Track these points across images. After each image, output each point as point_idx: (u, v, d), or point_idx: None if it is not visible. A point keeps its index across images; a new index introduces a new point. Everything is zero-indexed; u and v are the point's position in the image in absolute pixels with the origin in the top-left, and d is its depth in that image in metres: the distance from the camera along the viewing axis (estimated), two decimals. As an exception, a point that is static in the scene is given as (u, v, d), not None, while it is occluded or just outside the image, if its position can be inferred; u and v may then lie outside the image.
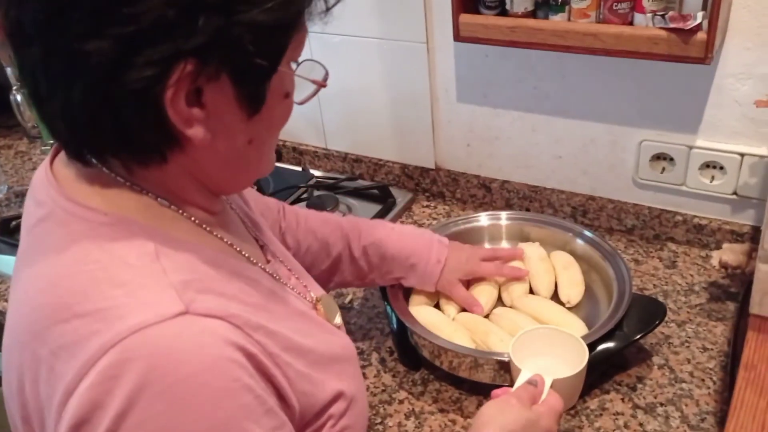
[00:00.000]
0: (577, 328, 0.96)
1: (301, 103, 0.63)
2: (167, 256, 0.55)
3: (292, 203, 1.38)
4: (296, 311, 0.66)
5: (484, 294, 1.04)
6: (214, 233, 0.63)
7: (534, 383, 0.77)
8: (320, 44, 1.39)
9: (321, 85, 0.63)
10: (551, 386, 0.77)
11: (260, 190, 1.37)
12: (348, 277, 1.01)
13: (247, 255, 0.65)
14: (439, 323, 0.99)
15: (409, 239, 1.00)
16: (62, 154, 0.61)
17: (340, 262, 0.99)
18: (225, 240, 0.64)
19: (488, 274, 1.04)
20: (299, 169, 1.53)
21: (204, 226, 0.62)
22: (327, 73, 0.64)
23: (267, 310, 0.59)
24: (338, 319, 0.75)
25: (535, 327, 0.91)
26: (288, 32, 0.55)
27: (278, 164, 1.53)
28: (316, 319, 0.70)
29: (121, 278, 0.52)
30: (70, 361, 0.49)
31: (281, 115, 0.60)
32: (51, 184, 0.58)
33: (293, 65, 0.59)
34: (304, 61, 0.61)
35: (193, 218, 0.61)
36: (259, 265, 0.66)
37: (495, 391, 0.77)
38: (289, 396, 0.57)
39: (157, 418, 0.47)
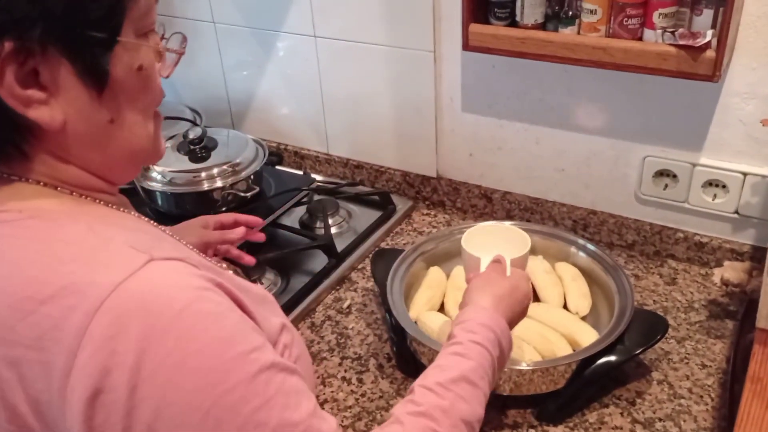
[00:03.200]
0: (590, 335, 0.97)
1: (166, 76, 0.61)
2: (101, 229, 0.55)
3: (293, 206, 1.38)
4: (218, 266, 0.67)
5: None
6: (129, 212, 0.63)
7: (498, 261, 0.87)
8: (327, 50, 1.39)
9: (178, 52, 0.62)
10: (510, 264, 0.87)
11: (261, 192, 1.37)
12: None
13: (162, 228, 0.67)
14: (440, 329, 0.98)
15: None
16: None
17: None
18: (140, 217, 0.64)
19: (215, 240, 1.01)
20: (300, 173, 1.53)
21: (115, 207, 0.61)
22: (184, 39, 0.63)
23: (201, 260, 0.60)
24: None
25: (480, 224, 1.03)
26: (116, 1, 0.54)
27: (279, 168, 1.53)
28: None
29: (70, 255, 0.52)
30: (56, 344, 0.49)
31: (139, 89, 0.58)
32: None
33: (154, 36, 0.58)
34: (174, 34, 0.62)
35: (101, 202, 0.60)
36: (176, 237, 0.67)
37: (468, 275, 0.88)
38: (258, 322, 0.59)
39: (169, 357, 0.48)
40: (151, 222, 0.65)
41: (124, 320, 0.48)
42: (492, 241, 0.97)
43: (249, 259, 1.03)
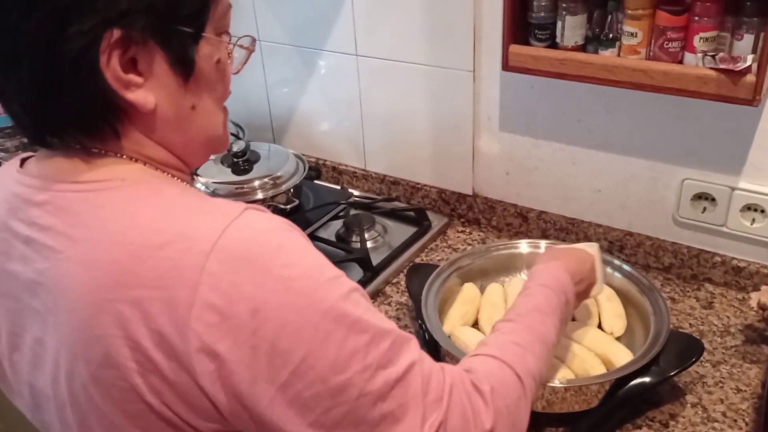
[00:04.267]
0: (624, 356, 0.97)
1: (236, 72, 0.69)
2: (193, 192, 0.64)
3: (330, 220, 1.40)
4: None
5: (497, 315, 1.05)
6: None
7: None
8: (368, 68, 1.42)
9: (249, 49, 0.70)
10: None
11: (300, 205, 1.39)
12: None
13: None
14: (474, 344, 0.99)
15: None
16: (31, 159, 0.66)
17: None
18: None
19: None
20: (338, 187, 1.55)
21: (188, 184, 0.68)
22: (254, 40, 0.71)
23: None
24: None
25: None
26: (203, 1, 0.62)
27: (317, 182, 1.56)
28: None
29: (178, 208, 0.59)
30: (177, 281, 0.54)
31: (216, 80, 0.66)
32: (32, 180, 0.63)
33: (227, 37, 0.66)
34: (244, 36, 0.69)
35: (178, 179, 0.67)
36: None
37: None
38: None
39: (278, 282, 0.55)
40: None
41: (236, 257, 0.55)
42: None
43: None
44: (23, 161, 0.67)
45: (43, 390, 0.64)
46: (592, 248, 0.97)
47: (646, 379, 0.92)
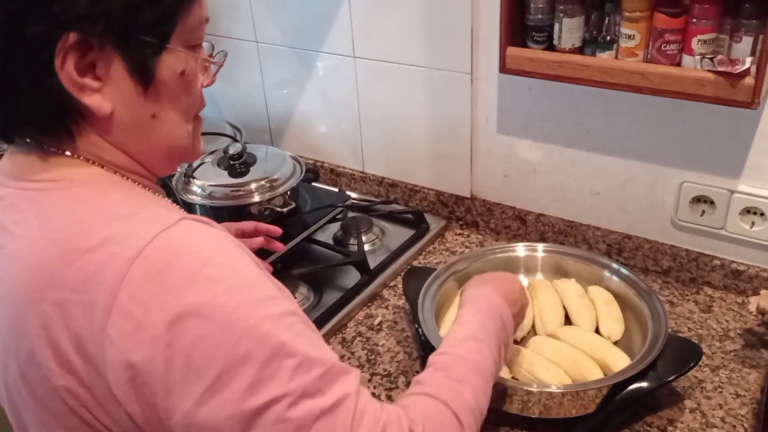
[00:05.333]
0: (622, 361, 0.96)
1: (206, 85, 0.69)
2: (139, 198, 0.63)
3: (328, 222, 1.40)
4: None
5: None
6: (163, 197, 0.68)
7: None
8: (365, 70, 1.42)
9: (218, 64, 0.70)
10: None
11: (297, 208, 1.39)
12: None
13: None
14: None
15: None
16: (3, 158, 0.67)
17: None
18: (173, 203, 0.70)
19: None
20: (336, 190, 1.55)
21: (151, 191, 0.68)
22: (225, 55, 0.72)
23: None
24: None
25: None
26: (168, 12, 0.61)
27: (315, 184, 1.55)
28: None
29: (114, 214, 0.59)
30: (98, 286, 0.54)
31: (180, 92, 0.65)
32: None
33: (201, 50, 0.66)
34: (219, 52, 0.70)
35: (139, 184, 0.66)
36: None
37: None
38: None
39: (200, 295, 0.54)
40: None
41: (160, 266, 0.54)
42: None
43: (278, 246, 1.11)
44: None
45: None
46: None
47: (644, 384, 0.91)
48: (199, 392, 0.53)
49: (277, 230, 1.12)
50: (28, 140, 0.62)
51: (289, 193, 1.35)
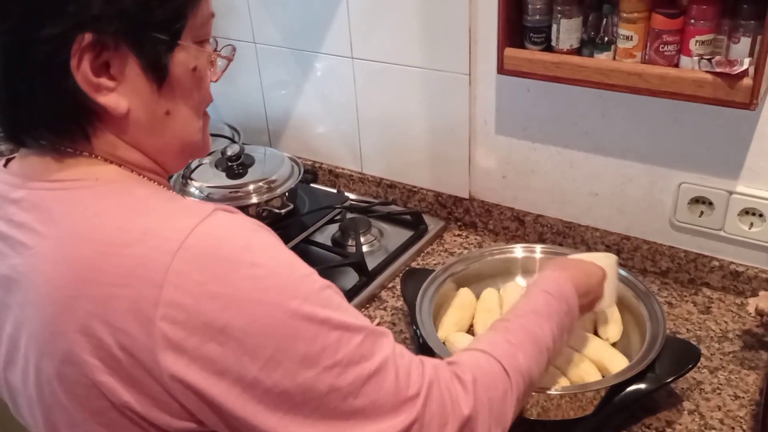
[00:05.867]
0: (620, 362, 0.96)
1: (215, 80, 0.70)
2: (164, 193, 0.64)
3: (326, 224, 1.40)
4: None
5: (492, 321, 1.04)
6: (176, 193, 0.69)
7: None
8: (364, 71, 1.42)
9: (228, 59, 0.71)
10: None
11: (295, 209, 1.39)
12: None
13: None
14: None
15: None
16: (15, 158, 0.67)
17: None
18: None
19: None
20: (334, 191, 1.55)
21: (164, 187, 0.68)
22: (234, 49, 0.73)
23: None
24: None
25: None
26: (179, 9, 0.62)
27: (313, 185, 1.55)
28: None
29: (146, 208, 0.60)
30: (142, 280, 0.55)
31: (192, 88, 0.66)
32: (11, 178, 0.64)
33: (208, 45, 0.67)
34: (226, 46, 0.71)
35: (155, 182, 0.67)
36: None
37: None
38: None
39: (246, 281, 0.55)
40: None
41: (202, 256, 0.55)
42: None
43: None
44: (8, 161, 0.68)
45: (15, 386, 0.65)
46: (608, 260, 0.96)
47: (642, 386, 0.91)
48: (253, 373, 0.55)
49: None
50: (42, 142, 0.62)
51: (287, 194, 1.35)
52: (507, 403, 0.68)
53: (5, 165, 0.68)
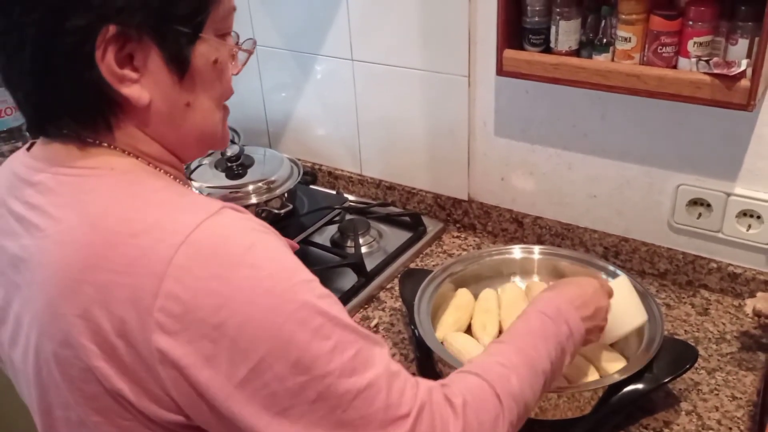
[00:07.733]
0: (617, 363, 0.96)
1: (235, 73, 0.71)
2: (177, 187, 0.65)
3: (325, 225, 1.40)
4: None
5: (490, 322, 1.05)
6: (189, 188, 0.70)
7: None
8: (364, 73, 1.42)
9: (249, 52, 0.73)
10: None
11: (294, 210, 1.39)
12: None
13: None
14: (468, 350, 0.98)
15: None
16: (37, 143, 0.68)
17: None
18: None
19: None
20: (333, 192, 1.55)
21: (179, 181, 0.69)
22: (254, 43, 0.75)
23: None
24: None
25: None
26: (201, 2, 0.63)
27: (313, 187, 1.56)
28: None
29: (157, 200, 0.61)
30: (144, 270, 0.55)
31: (213, 80, 0.68)
32: (33, 162, 0.65)
33: (230, 38, 0.69)
34: (247, 40, 0.72)
35: (171, 176, 0.68)
36: None
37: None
38: None
39: (245, 281, 0.56)
40: None
41: (205, 253, 0.56)
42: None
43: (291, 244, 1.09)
44: (32, 144, 0.69)
45: (17, 364, 0.66)
46: (620, 282, 0.95)
47: (640, 386, 0.91)
48: (243, 373, 0.55)
49: (294, 245, 1.10)
50: (64, 132, 0.63)
51: (286, 195, 1.35)
52: (498, 427, 0.66)
53: (29, 149, 0.69)
